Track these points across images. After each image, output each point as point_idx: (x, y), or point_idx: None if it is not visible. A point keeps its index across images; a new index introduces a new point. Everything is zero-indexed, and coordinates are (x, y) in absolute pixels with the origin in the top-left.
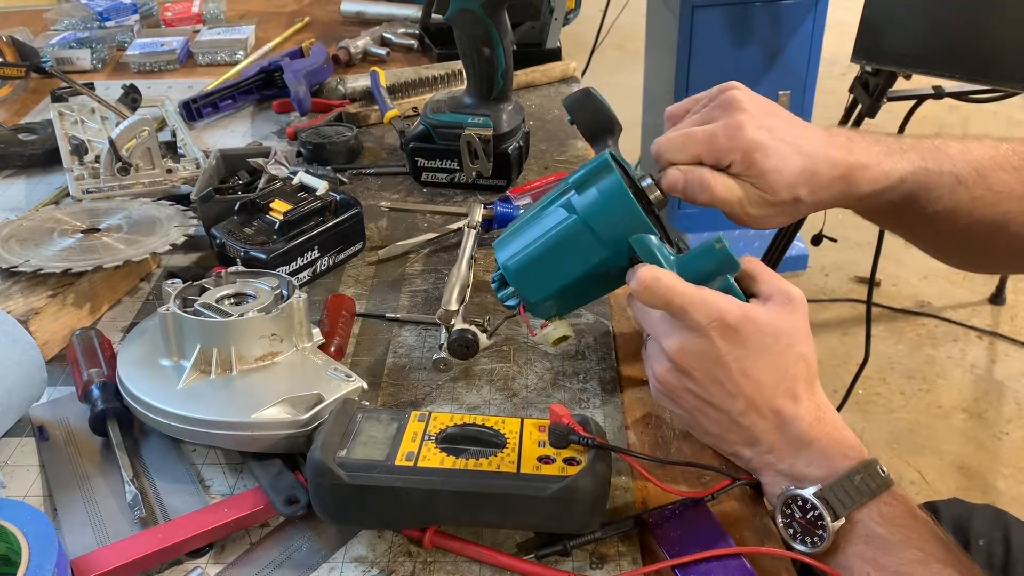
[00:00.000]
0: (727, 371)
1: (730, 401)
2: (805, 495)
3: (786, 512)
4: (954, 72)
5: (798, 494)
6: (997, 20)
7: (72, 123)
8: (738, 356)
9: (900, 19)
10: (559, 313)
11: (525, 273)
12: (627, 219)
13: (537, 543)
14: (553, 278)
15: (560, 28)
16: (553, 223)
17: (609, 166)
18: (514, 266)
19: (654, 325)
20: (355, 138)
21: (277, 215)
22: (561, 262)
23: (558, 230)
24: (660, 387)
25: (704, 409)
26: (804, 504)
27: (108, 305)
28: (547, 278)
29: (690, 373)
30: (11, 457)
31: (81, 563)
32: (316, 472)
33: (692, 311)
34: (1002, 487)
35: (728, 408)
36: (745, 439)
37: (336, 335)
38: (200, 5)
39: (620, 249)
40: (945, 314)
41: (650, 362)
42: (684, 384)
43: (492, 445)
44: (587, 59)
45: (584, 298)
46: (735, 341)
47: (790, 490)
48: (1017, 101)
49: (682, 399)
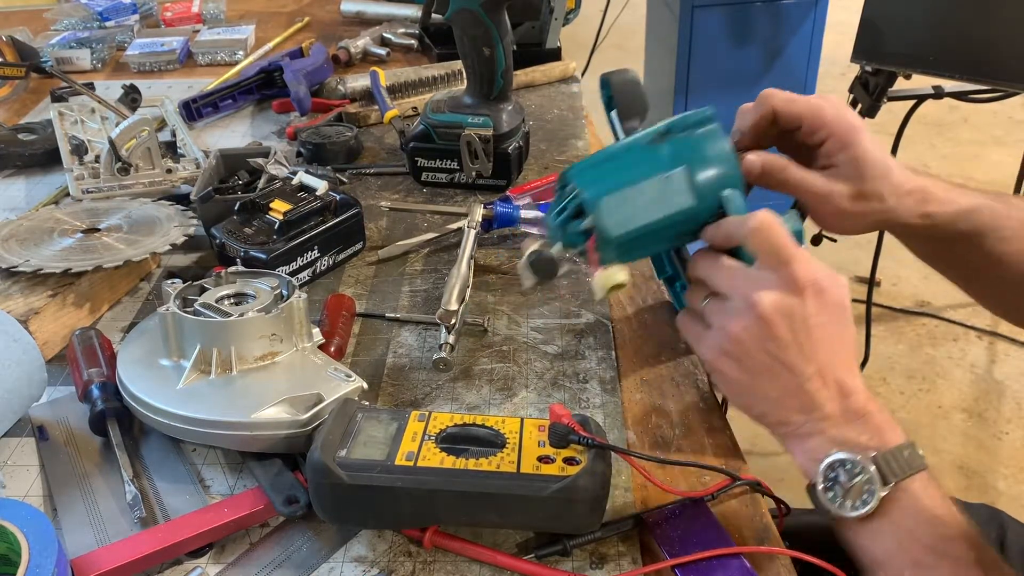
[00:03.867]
0: (810, 334)
1: (803, 365)
2: (857, 459)
3: (830, 475)
4: (954, 72)
5: (849, 458)
6: (997, 20)
7: (72, 123)
8: (822, 322)
9: (900, 19)
10: (621, 259)
11: (615, 206)
12: (725, 173)
13: (537, 543)
14: (639, 217)
15: (560, 28)
16: (651, 165)
17: (713, 119)
18: (605, 197)
19: (737, 278)
20: (355, 138)
21: (277, 215)
22: (652, 203)
23: (657, 172)
24: (730, 345)
25: (773, 370)
26: (853, 468)
27: (108, 305)
28: (633, 216)
29: (774, 331)
30: (11, 457)
31: (81, 563)
32: (316, 472)
33: (795, 265)
34: (1002, 487)
35: (800, 372)
36: (803, 405)
37: (336, 335)
38: (200, 5)
39: (709, 203)
40: (945, 314)
41: (720, 320)
42: (763, 343)
43: (492, 445)
44: (587, 59)
45: (653, 247)
46: (823, 306)
47: (839, 454)
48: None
49: (752, 359)
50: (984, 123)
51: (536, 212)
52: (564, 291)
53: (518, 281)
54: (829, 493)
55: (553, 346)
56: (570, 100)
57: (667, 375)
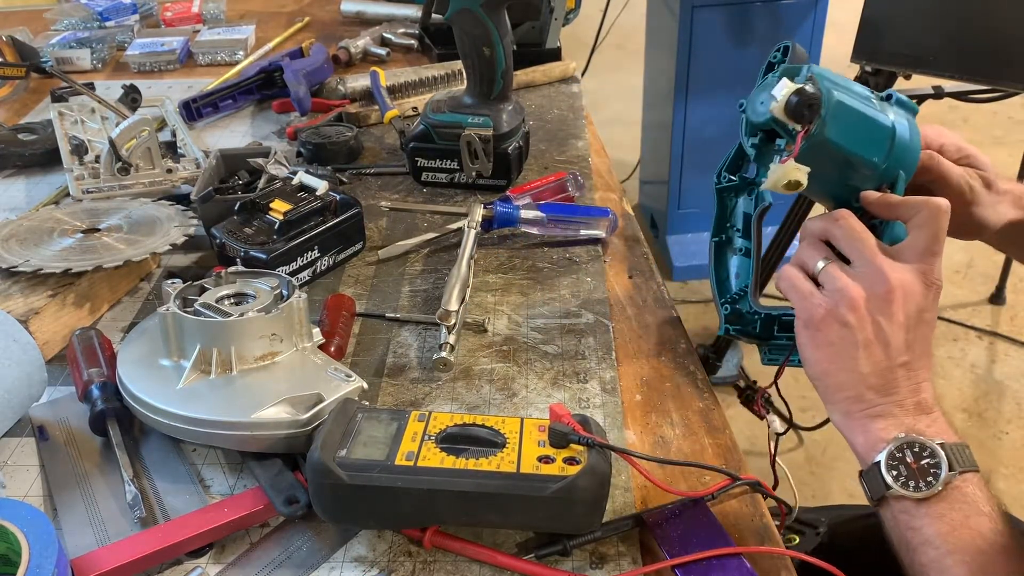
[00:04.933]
0: (919, 326)
1: (901, 349)
2: (929, 443)
3: (897, 455)
4: (954, 72)
5: (919, 440)
6: (997, 20)
7: (72, 123)
8: (929, 319)
9: (900, 19)
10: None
11: (843, 116)
12: (913, 160)
13: (537, 543)
14: (851, 138)
15: (560, 28)
16: (876, 108)
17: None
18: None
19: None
20: (355, 138)
21: (277, 215)
22: (864, 135)
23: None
24: (844, 309)
25: (874, 345)
26: (922, 451)
27: (108, 305)
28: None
29: (894, 307)
30: (11, 457)
31: (81, 563)
32: (316, 472)
33: (936, 261)
34: (1002, 487)
35: (896, 354)
36: (885, 386)
37: (336, 335)
38: (200, 5)
39: (890, 171)
40: (945, 314)
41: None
42: (878, 315)
43: (492, 445)
44: (587, 59)
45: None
46: (934, 304)
47: (911, 436)
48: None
49: (858, 329)
50: (984, 123)
51: (536, 212)
52: (564, 291)
53: (518, 281)
54: (892, 472)
55: (553, 346)
56: (570, 100)
57: (667, 375)
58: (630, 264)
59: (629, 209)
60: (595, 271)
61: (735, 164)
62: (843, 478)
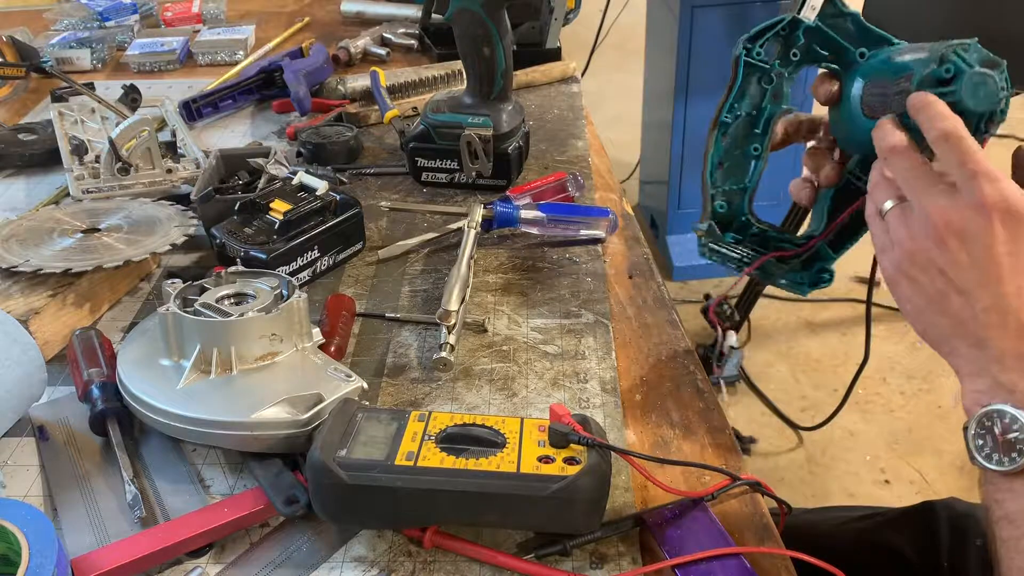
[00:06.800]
0: (993, 261)
1: (979, 292)
2: (1018, 414)
3: (985, 424)
4: None
5: (1009, 411)
6: (997, 20)
7: (72, 123)
8: (1011, 251)
9: (900, 19)
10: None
11: None
12: None
13: (537, 543)
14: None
15: (560, 28)
16: None
17: None
18: None
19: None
20: (355, 138)
21: (277, 215)
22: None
23: None
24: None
25: (947, 296)
26: (1012, 423)
27: (108, 305)
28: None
29: (949, 252)
30: (11, 457)
31: (81, 563)
32: (316, 472)
33: (982, 182)
34: None
35: (975, 300)
36: (976, 339)
37: (336, 335)
38: (200, 5)
39: None
40: None
41: (899, 233)
42: (937, 264)
43: (492, 445)
44: (587, 59)
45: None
46: (1015, 234)
47: (1002, 405)
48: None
49: (927, 280)
50: None
51: (536, 212)
52: (564, 291)
53: (518, 281)
54: (979, 440)
55: (553, 346)
56: (570, 100)
57: (667, 375)
58: (630, 264)
59: (629, 209)
60: (595, 271)
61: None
62: (843, 478)
